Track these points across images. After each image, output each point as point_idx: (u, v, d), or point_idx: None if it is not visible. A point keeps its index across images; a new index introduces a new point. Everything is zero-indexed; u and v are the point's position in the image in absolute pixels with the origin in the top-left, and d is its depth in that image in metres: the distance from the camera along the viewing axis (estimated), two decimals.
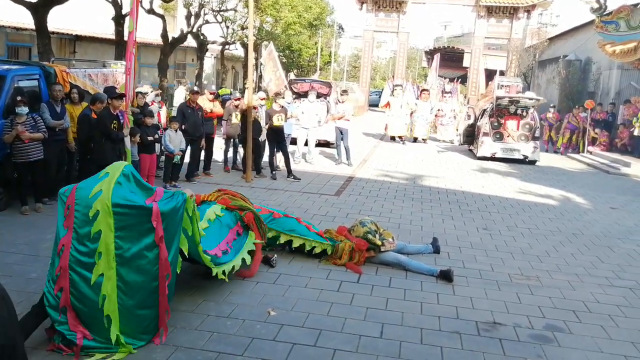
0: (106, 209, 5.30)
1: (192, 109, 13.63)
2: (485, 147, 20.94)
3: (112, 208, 5.30)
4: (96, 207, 5.30)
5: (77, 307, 5.34)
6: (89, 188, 5.42)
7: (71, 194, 5.48)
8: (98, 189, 5.36)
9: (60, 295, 5.34)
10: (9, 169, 10.00)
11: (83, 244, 5.35)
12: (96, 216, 5.31)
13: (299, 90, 21.06)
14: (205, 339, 5.70)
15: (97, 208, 5.30)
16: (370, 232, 8.33)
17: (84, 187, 5.49)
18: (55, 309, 5.36)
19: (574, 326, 6.57)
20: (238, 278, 7.36)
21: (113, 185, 5.39)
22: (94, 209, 5.30)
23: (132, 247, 5.41)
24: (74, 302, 5.32)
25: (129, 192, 5.46)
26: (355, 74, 75.77)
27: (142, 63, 36.07)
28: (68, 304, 5.33)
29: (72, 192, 5.48)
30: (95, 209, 5.30)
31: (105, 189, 5.36)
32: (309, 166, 16.99)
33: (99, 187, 5.37)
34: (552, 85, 33.05)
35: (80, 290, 5.30)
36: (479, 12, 43.26)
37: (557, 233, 10.84)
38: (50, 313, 5.38)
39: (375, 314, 6.58)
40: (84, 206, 5.35)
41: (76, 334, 5.30)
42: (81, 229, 5.35)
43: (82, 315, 5.37)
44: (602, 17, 19.60)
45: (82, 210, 5.36)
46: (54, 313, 5.36)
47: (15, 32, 26.31)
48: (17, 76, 10.59)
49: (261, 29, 40.24)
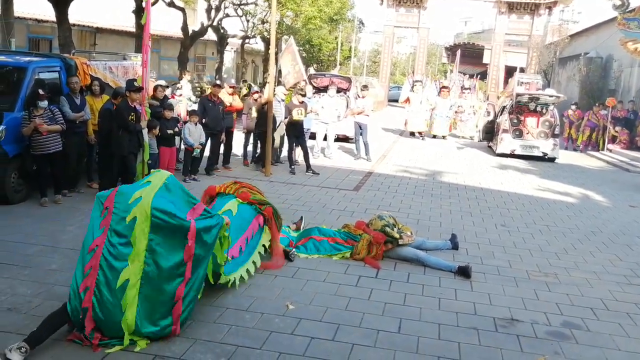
0: (144, 216, 5.33)
1: (213, 102, 13.66)
2: (504, 143, 20.84)
3: (150, 216, 5.33)
4: (134, 213, 5.34)
5: (96, 310, 5.34)
6: (129, 193, 5.45)
7: (110, 195, 5.51)
8: (138, 195, 5.40)
9: (84, 296, 5.35)
10: (28, 161, 10.08)
11: (116, 247, 5.37)
12: (133, 222, 5.34)
13: (319, 85, 21.07)
14: (224, 332, 5.73)
15: (136, 214, 5.34)
16: (388, 225, 8.33)
17: (124, 192, 5.51)
18: (76, 310, 5.38)
19: (592, 324, 6.54)
20: (258, 271, 7.39)
21: (154, 193, 5.43)
22: (132, 215, 5.34)
23: (162, 260, 5.43)
24: (94, 305, 5.34)
25: (169, 203, 5.49)
26: (375, 69, 75.75)
27: (162, 56, 36.29)
28: (90, 304, 5.33)
29: (111, 195, 5.51)
30: (134, 215, 5.34)
31: (146, 195, 5.39)
32: (327, 161, 17.01)
33: (140, 194, 5.41)
34: (573, 83, 32.83)
35: (103, 292, 5.32)
36: (500, 9, 43.03)
37: (576, 230, 10.79)
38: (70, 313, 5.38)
39: (393, 309, 6.58)
40: (122, 210, 5.39)
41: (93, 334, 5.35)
42: (117, 232, 5.39)
43: (99, 322, 5.37)
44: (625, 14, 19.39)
45: (120, 215, 5.39)
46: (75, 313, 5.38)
47: (36, 24, 26.54)
48: (38, 68, 10.68)
49: (281, 23, 40.23)
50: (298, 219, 9.57)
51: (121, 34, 31.42)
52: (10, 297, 6.20)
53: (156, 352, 5.28)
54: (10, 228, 8.63)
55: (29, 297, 6.22)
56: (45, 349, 5.15)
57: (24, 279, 6.73)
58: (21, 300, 6.10)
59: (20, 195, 10.14)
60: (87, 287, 5.35)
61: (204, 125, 13.17)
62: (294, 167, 14.77)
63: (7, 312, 5.85)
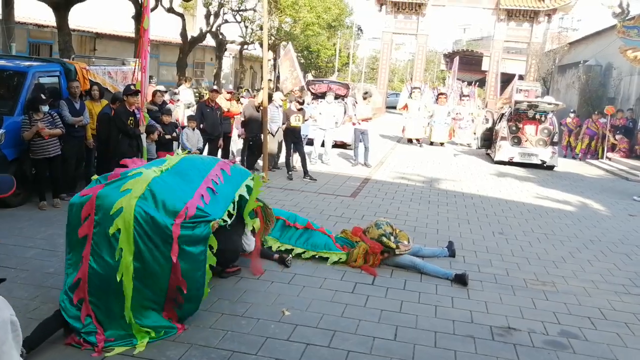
0: (127, 227, 5.34)
1: (212, 108, 13.68)
2: (502, 151, 20.82)
3: (133, 226, 5.35)
4: (117, 225, 5.34)
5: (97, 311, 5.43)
6: (110, 201, 5.42)
7: (90, 202, 5.48)
8: (119, 205, 5.38)
9: (80, 305, 5.41)
10: (26, 164, 10.07)
11: (102, 258, 5.40)
12: (118, 234, 5.36)
13: (317, 91, 21.07)
14: (220, 337, 5.72)
15: (119, 226, 5.34)
16: (385, 235, 8.31)
17: (103, 196, 5.48)
18: (77, 318, 5.40)
19: (590, 333, 6.52)
20: (253, 277, 7.40)
21: (135, 202, 5.41)
22: (115, 227, 5.34)
23: (150, 263, 5.48)
24: (94, 309, 5.41)
25: (153, 209, 5.49)
26: (373, 75, 75.88)
27: (161, 61, 36.34)
28: (90, 311, 5.40)
29: (90, 201, 5.48)
30: (117, 227, 5.34)
31: (126, 205, 5.38)
32: (325, 167, 17.00)
33: (120, 204, 5.38)
34: (572, 91, 32.88)
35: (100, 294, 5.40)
36: (499, 16, 43.11)
37: (574, 239, 10.78)
38: (72, 323, 5.40)
39: (389, 316, 6.57)
40: (105, 219, 5.39)
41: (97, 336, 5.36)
42: (101, 243, 5.40)
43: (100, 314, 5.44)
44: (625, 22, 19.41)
45: (103, 224, 5.39)
46: (76, 322, 5.39)
47: (36, 29, 26.57)
48: (38, 73, 10.71)
49: (280, 29, 40.33)
50: None
51: (121, 39, 31.50)
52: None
53: (152, 357, 5.27)
54: (8, 231, 8.61)
55: (26, 300, 6.21)
56: (43, 352, 5.16)
57: (22, 282, 6.73)
58: (18, 304, 6.06)
59: (18, 199, 10.11)
60: (82, 299, 5.43)
61: (202, 131, 13.19)
62: (291, 172, 14.76)
63: None
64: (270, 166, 14.69)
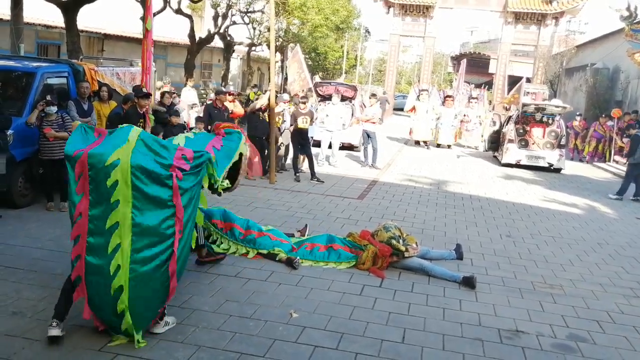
0: (125, 178, 5.19)
1: (219, 109, 13.71)
2: (510, 153, 20.81)
3: (131, 177, 5.20)
4: (115, 177, 5.18)
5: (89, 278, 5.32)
6: (104, 155, 5.23)
7: (81, 159, 5.27)
8: (115, 157, 5.20)
9: (75, 264, 5.35)
10: (34, 165, 10.10)
11: (100, 212, 5.26)
12: (115, 186, 5.19)
13: (324, 93, 21.07)
14: (227, 339, 5.72)
15: (116, 177, 5.18)
16: (394, 238, 8.30)
17: (96, 154, 5.26)
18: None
19: (598, 337, 6.51)
20: (261, 279, 7.40)
21: (131, 153, 5.24)
22: (113, 179, 5.18)
23: (148, 219, 5.33)
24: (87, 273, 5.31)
25: (150, 161, 5.32)
26: (380, 77, 75.85)
27: (169, 62, 36.43)
28: (82, 272, 5.30)
29: (82, 159, 5.26)
30: (114, 179, 5.18)
31: (123, 156, 5.21)
32: (332, 169, 17.00)
33: (117, 156, 5.20)
34: (579, 94, 32.84)
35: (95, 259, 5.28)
36: (507, 18, 42.98)
37: (582, 242, 10.76)
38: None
39: (397, 318, 6.57)
40: (100, 174, 5.21)
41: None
42: (98, 197, 5.25)
43: (91, 288, 5.34)
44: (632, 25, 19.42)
45: (98, 178, 5.23)
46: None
47: (45, 30, 26.63)
48: (46, 73, 10.72)
49: (288, 31, 40.35)
50: (302, 227, 9.57)
51: (128, 40, 31.54)
52: (15, 300, 6.22)
53: (159, 358, 5.28)
54: (16, 232, 8.64)
55: (34, 301, 6.23)
56: (44, 352, 5.18)
57: (30, 283, 6.75)
58: (26, 304, 6.11)
59: (26, 200, 10.16)
60: (79, 255, 5.33)
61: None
62: (298, 174, 14.76)
63: (12, 315, 5.87)
64: (277, 168, 14.69)
